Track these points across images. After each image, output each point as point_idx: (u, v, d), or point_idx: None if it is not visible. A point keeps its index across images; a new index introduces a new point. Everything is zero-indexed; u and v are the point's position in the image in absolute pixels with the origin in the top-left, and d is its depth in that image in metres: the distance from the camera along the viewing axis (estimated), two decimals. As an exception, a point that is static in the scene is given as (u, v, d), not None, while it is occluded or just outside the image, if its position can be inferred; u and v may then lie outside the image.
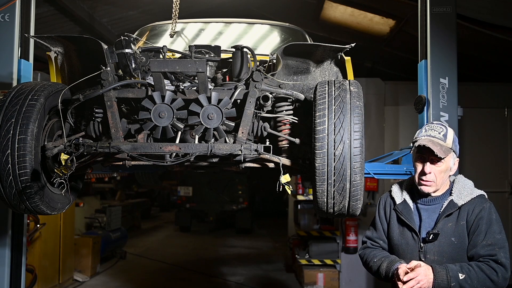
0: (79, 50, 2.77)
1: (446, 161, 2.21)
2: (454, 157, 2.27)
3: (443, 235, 2.17)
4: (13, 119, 2.33)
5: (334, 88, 2.43)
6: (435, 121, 2.37)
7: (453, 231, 2.17)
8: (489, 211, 2.18)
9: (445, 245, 2.17)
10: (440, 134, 2.22)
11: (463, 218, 2.17)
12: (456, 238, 2.16)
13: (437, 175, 2.21)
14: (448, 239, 2.17)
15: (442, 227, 2.19)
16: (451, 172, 2.27)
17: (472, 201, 2.20)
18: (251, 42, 3.88)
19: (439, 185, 2.24)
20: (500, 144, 7.09)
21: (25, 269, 3.72)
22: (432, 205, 2.27)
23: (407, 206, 2.30)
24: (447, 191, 2.28)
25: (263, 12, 7.54)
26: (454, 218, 2.19)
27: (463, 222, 2.17)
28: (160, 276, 7.82)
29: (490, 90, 7.14)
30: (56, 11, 6.59)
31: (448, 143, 2.21)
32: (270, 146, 2.54)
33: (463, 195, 2.21)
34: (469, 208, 2.18)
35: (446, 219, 2.19)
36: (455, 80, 3.58)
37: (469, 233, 2.16)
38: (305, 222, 7.33)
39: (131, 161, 2.70)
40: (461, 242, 2.16)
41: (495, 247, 2.09)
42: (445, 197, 2.25)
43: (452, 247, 2.16)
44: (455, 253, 2.16)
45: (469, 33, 5.77)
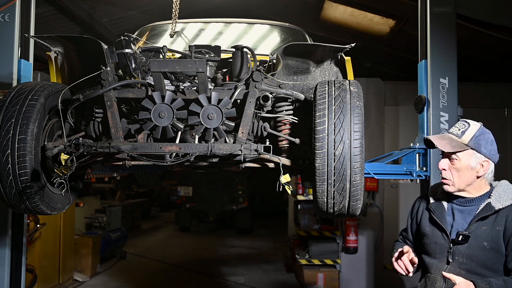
0: (79, 50, 2.77)
1: (461, 158, 2.11)
2: (478, 157, 2.13)
3: (475, 238, 2.06)
4: (13, 119, 2.33)
5: (334, 88, 2.43)
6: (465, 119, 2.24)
7: (486, 235, 2.05)
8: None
9: (476, 249, 2.06)
10: (460, 130, 2.15)
11: (500, 223, 2.04)
12: (488, 243, 2.04)
13: (453, 173, 2.13)
14: (480, 243, 2.05)
15: (475, 230, 2.07)
16: (479, 173, 2.14)
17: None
18: (251, 42, 3.88)
19: (460, 185, 2.14)
20: (500, 144, 7.05)
21: (25, 269, 3.72)
22: (468, 207, 2.16)
23: (441, 205, 2.23)
24: (486, 194, 2.16)
25: (263, 12, 7.54)
26: (490, 222, 2.07)
27: (500, 228, 2.04)
28: (160, 276, 7.82)
29: (490, 90, 7.14)
30: (56, 11, 6.59)
31: (464, 139, 2.11)
32: (270, 146, 2.54)
33: (503, 199, 2.09)
34: (508, 214, 2.05)
35: (480, 222, 2.08)
36: (455, 80, 3.58)
37: (508, 242, 2.02)
38: (305, 222, 7.33)
39: (131, 161, 2.70)
40: (493, 248, 2.03)
41: None
42: (483, 200, 2.14)
43: (483, 252, 2.05)
44: (485, 258, 2.04)
45: (469, 33, 5.77)
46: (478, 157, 2.14)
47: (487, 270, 2.04)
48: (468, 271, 2.06)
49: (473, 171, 2.13)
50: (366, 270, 7.03)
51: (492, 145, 2.17)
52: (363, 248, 7.02)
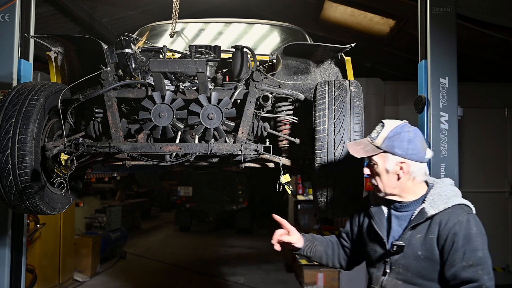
0: (79, 50, 2.77)
1: (377, 162, 1.98)
2: (393, 159, 1.96)
3: (410, 247, 1.93)
4: (13, 119, 2.33)
5: (334, 88, 2.43)
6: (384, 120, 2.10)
7: (420, 244, 1.92)
8: (467, 225, 1.86)
9: (411, 258, 1.93)
10: (376, 133, 2.00)
11: (433, 231, 1.90)
12: (423, 252, 1.91)
13: (376, 178, 2.00)
14: (414, 253, 1.92)
15: (410, 238, 1.94)
16: (400, 176, 1.97)
17: (446, 212, 1.90)
18: (251, 42, 3.88)
19: (385, 189, 2.00)
20: (500, 144, 7.09)
21: (25, 269, 3.71)
22: (404, 212, 2.02)
23: (380, 211, 2.08)
24: (421, 197, 2.00)
25: (263, 12, 7.54)
26: (424, 230, 1.92)
27: (432, 236, 1.90)
28: (160, 276, 7.82)
29: (490, 90, 7.14)
30: (56, 11, 6.59)
31: (377, 142, 1.97)
32: (270, 146, 2.54)
33: (437, 204, 1.93)
34: (441, 220, 1.89)
35: (414, 230, 1.95)
36: (455, 80, 3.58)
37: (442, 250, 1.88)
38: (305, 222, 7.33)
39: (131, 161, 2.70)
40: (428, 257, 1.90)
41: (478, 269, 1.82)
42: (417, 205, 1.98)
43: (418, 262, 1.92)
44: (420, 268, 1.92)
45: (469, 33, 5.77)
46: (394, 159, 1.96)
47: (423, 279, 1.92)
48: (405, 281, 1.96)
49: (393, 174, 1.97)
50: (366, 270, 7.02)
51: (410, 143, 1.95)
52: (363, 248, 7.01)
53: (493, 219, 6.90)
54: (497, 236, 6.90)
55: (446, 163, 3.55)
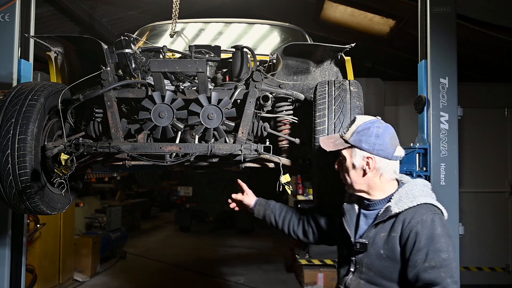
0: (79, 50, 2.77)
1: (345, 156, 1.95)
2: (360, 154, 1.93)
3: (373, 246, 1.90)
4: (13, 119, 2.33)
5: (334, 88, 2.43)
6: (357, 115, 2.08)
7: (383, 242, 1.87)
8: (431, 224, 1.80)
9: (374, 257, 1.89)
10: (346, 128, 2.01)
11: (397, 229, 1.85)
12: (385, 251, 1.86)
13: (345, 173, 1.98)
14: (377, 251, 1.88)
15: (374, 237, 1.91)
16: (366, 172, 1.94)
17: (410, 211, 1.85)
18: (251, 42, 3.88)
19: (355, 185, 1.97)
20: (500, 144, 7.09)
21: (25, 269, 3.71)
22: (371, 211, 1.99)
23: (352, 209, 2.06)
24: (389, 196, 1.96)
25: (263, 12, 7.54)
26: (387, 229, 1.88)
27: (395, 234, 1.85)
28: (160, 276, 7.82)
29: (490, 90, 7.14)
30: (56, 11, 6.59)
31: (346, 136, 1.95)
32: (270, 146, 2.54)
33: (402, 203, 1.88)
34: (405, 218, 1.84)
35: (378, 228, 1.91)
36: (455, 80, 3.58)
37: (403, 249, 1.83)
38: (305, 222, 7.32)
39: (131, 161, 2.70)
40: (389, 256, 1.86)
41: (441, 272, 1.74)
42: (384, 203, 1.95)
43: (379, 261, 1.88)
44: (382, 267, 1.88)
45: (469, 33, 5.77)
46: (361, 154, 1.92)
47: (385, 279, 1.88)
48: (367, 281, 1.92)
49: (359, 170, 1.94)
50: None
51: (378, 139, 1.90)
52: (363, 248, 7.01)
53: (493, 219, 6.91)
54: (497, 236, 6.91)
55: (446, 163, 3.55)
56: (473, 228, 6.48)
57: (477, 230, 6.68)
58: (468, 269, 6.84)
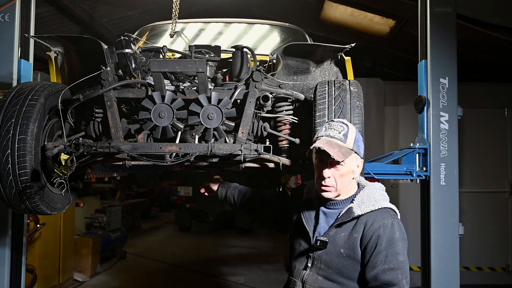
0: (79, 50, 2.77)
1: (347, 163, 1.97)
2: (358, 159, 2.02)
3: (333, 245, 1.96)
4: (13, 119, 2.33)
5: (334, 88, 2.43)
6: (336, 119, 2.09)
7: (344, 242, 1.95)
8: (391, 228, 1.91)
9: (333, 255, 1.96)
10: (340, 133, 1.97)
11: (358, 230, 1.94)
12: (345, 251, 1.94)
13: (337, 179, 1.97)
14: (337, 250, 1.96)
15: (335, 235, 1.98)
16: (354, 175, 2.03)
17: (372, 214, 1.95)
18: (251, 42, 3.88)
19: (341, 189, 2.00)
20: (500, 144, 7.09)
21: (25, 269, 3.72)
22: (332, 210, 2.04)
23: (311, 205, 2.11)
24: (351, 197, 2.04)
25: (263, 12, 7.54)
26: (349, 229, 1.96)
27: (357, 235, 1.93)
28: (160, 276, 7.82)
29: (490, 90, 7.14)
30: (56, 11, 6.59)
31: (349, 144, 1.97)
32: (270, 146, 2.54)
33: (364, 205, 1.97)
34: (367, 221, 1.94)
35: (339, 228, 1.98)
36: (455, 80, 3.58)
37: (364, 251, 1.92)
38: (305, 222, 7.31)
39: (131, 161, 2.70)
40: (349, 256, 1.94)
41: (398, 273, 1.87)
42: (346, 203, 2.02)
43: (339, 259, 1.95)
44: (341, 265, 1.95)
45: (469, 33, 5.77)
46: (357, 159, 2.02)
47: (343, 277, 1.96)
48: (325, 277, 1.98)
49: (352, 174, 2.02)
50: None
51: (363, 143, 2.06)
52: (363, 248, 7.01)
53: (493, 219, 6.91)
54: (497, 236, 6.91)
55: (446, 163, 3.56)
56: (473, 228, 6.49)
57: (477, 230, 6.68)
58: (468, 269, 6.84)
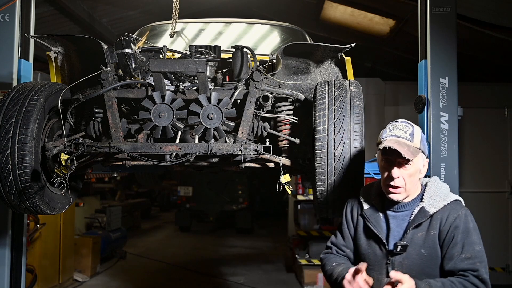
0: (79, 50, 2.77)
1: (415, 163, 1.96)
2: (424, 158, 2.02)
3: (412, 247, 1.95)
4: (13, 119, 2.33)
5: (334, 88, 2.43)
6: (400, 120, 2.09)
7: (423, 242, 1.94)
8: (465, 219, 1.93)
9: (414, 257, 1.95)
10: (406, 133, 1.98)
11: (435, 227, 1.94)
12: (426, 250, 1.94)
13: (406, 179, 1.96)
14: (418, 251, 1.94)
15: (412, 238, 1.96)
16: (421, 174, 2.04)
17: (446, 208, 1.96)
18: (251, 42, 3.88)
19: (409, 190, 2.00)
20: (500, 144, 7.09)
21: (25, 269, 3.72)
22: (401, 212, 2.02)
23: (375, 213, 2.07)
24: (418, 196, 2.03)
25: (263, 12, 7.54)
26: (425, 228, 1.96)
27: (434, 232, 1.94)
28: (160, 276, 7.82)
29: (490, 90, 7.14)
30: (56, 11, 6.59)
31: (416, 143, 1.97)
32: (270, 146, 2.54)
33: (436, 202, 1.98)
34: (442, 216, 1.94)
35: (416, 229, 1.96)
36: (455, 80, 3.58)
37: (442, 245, 1.93)
38: (305, 222, 7.32)
39: (131, 161, 2.70)
40: (431, 254, 1.94)
41: (476, 261, 1.87)
42: (416, 203, 2.01)
43: (421, 259, 1.94)
44: (424, 266, 1.94)
45: (469, 33, 5.77)
46: (423, 158, 2.03)
47: (427, 276, 1.92)
48: None
49: (419, 174, 2.02)
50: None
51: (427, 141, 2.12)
52: (363, 248, 7.01)
53: (493, 219, 6.90)
54: (497, 236, 6.90)
55: (446, 163, 3.55)
56: (473, 228, 6.47)
57: (477, 230, 6.67)
58: (468, 269, 6.82)
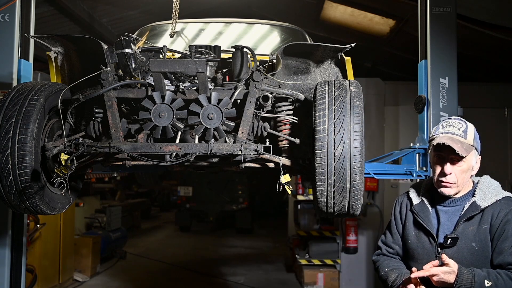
0: (79, 50, 2.77)
1: (468, 159, 2.01)
2: (476, 155, 2.07)
3: (463, 240, 1.98)
4: (13, 119, 2.33)
5: (334, 88, 2.43)
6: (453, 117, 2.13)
7: (474, 235, 1.98)
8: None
9: (465, 251, 1.98)
10: (460, 130, 2.03)
11: (487, 221, 1.98)
12: (477, 244, 1.97)
13: (458, 175, 2.02)
14: (468, 245, 1.98)
15: (462, 231, 2.00)
16: (473, 171, 2.08)
17: (498, 203, 2.00)
18: (251, 42, 3.88)
19: (461, 186, 2.05)
20: (500, 144, 7.09)
21: (25, 269, 3.72)
22: (452, 207, 2.08)
23: (425, 207, 2.13)
24: (470, 192, 2.08)
25: (263, 12, 7.54)
26: (476, 222, 1.99)
27: (486, 226, 1.97)
28: (160, 276, 7.82)
29: (490, 90, 7.15)
30: (56, 11, 6.59)
31: (469, 140, 2.02)
32: (270, 146, 2.54)
33: (488, 197, 2.02)
34: (493, 211, 1.99)
35: (467, 223, 2.00)
36: (455, 80, 3.58)
37: (493, 239, 1.96)
38: (305, 222, 7.33)
39: (131, 161, 2.70)
40: (482, 248, 1.97)
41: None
42: (467, 199, 2.06)
43: (472, 253, 1.97)
44: (475, 260, 1.97)
45: (469, 33, 5.77)
46: (476, 155, 2.08)
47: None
48: None
49: (471, 170, 2.08)
50: (366, 270, 7.03)
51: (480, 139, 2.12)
52: (363, 248, 7.02)
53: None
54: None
55: (446, 163, 3.54)
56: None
57: (477, 230, 6.67)
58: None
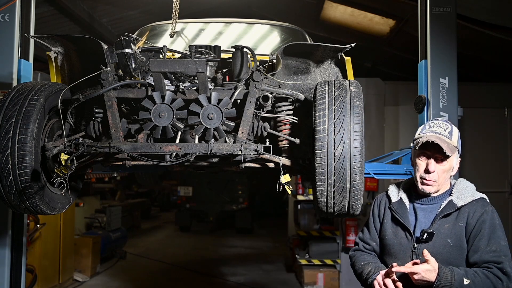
0: (79, 50, 2.77)
1: (451, 160, 2.11)
2: (457, 157, 2.17)
3: (439, 236, 2.07)
4: (13, 119, 2.33)
5: (334, 88, 2.43)
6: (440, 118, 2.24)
7: (450, 232, 2.07)
8: (492, 215, 2.09)
9: (440, 246, 2.06)
10: (446, 131, 2.12)
11: (463, 220, 2.07)
12: (452, 240, 2.06)
13: (440, 174, 2.11)
14: (444, 241, 2.06)
15: (439, 228, 2.09)
16: (453, 172, 2.17)
17: (474, 203, 2.11)
18: (251, 42, 3.88)
19: (441, 185, 2.14)
20: (500, 144, 7.09)
21: (25, 269, 3.72)
22: (430, 205, 2.17)
23: (403, 205, 2.22)
24: (447, 191, 2.18)
25: (263, 12, 7.54)
26: (452, 219, 2.09)
27: (462, 224, 2.07)
28: (160, 276, 7.82)
29: (490, 90, 7.15)
30: (56, 11, 6.59)
31: (454, 141, 2.12)
32: (270, 146, 2.54)
33: (464, 196, 2.12)
34: (469, 210, 2.08)
35: (443, 220, 2.10)
36: (455, 80, 3.58)
37: (469, 237, 2.05)
38: (305, 222, 7.33)
39: (131, 161, 2.70)
40: (457, 244, 2.06)
41: (501, 255, 1.99)
42: (445, 197, 2.16)
43: (447, 249, 2.06)
44: (449, 255, 2.05)
45: (469, 33, 5.77)
46: (457, 156, 2.18)
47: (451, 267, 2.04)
48: None
49: (451, 171, 2.17)
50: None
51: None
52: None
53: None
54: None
55: (446, 163, 3.54)
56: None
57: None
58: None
